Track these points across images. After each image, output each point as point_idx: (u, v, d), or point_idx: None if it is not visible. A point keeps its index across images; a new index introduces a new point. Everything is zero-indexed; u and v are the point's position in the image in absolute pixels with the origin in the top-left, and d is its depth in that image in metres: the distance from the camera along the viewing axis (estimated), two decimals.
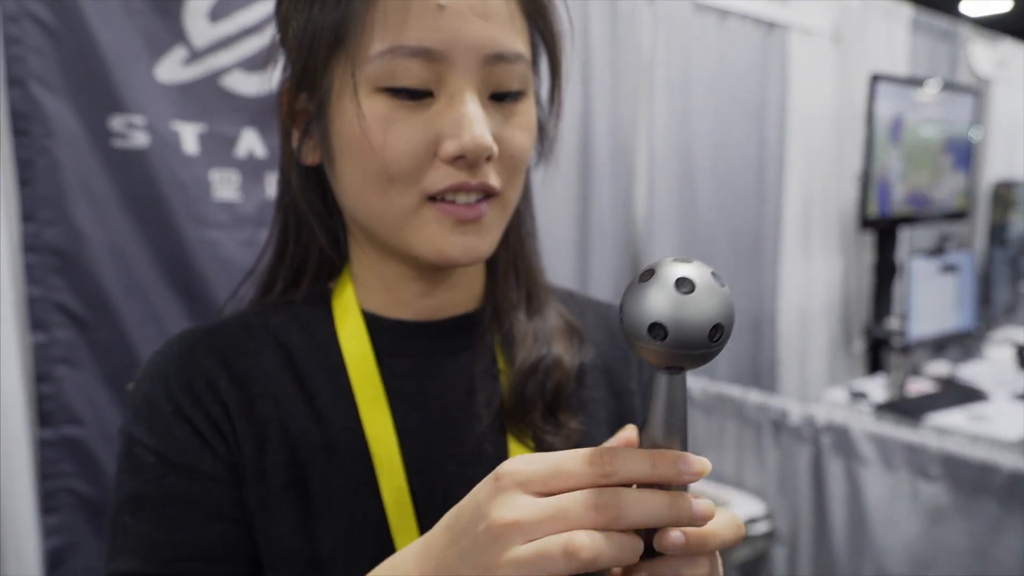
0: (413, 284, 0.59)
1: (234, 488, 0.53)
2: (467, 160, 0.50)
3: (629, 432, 0.52)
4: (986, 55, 4.00)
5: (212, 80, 1.46)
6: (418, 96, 0.50)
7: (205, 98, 1.45)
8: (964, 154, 3.21)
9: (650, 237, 2.42)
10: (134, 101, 1.36)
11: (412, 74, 0.50)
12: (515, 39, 0.53)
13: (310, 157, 0.57)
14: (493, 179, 0.53)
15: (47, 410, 1.34)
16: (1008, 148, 4.19)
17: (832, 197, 3.02)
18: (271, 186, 1.52)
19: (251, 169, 1.51)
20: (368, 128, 0.50)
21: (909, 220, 3.00)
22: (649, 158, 2.42)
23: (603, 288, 2.31)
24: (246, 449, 0.54)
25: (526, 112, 0.55)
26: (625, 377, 0.66)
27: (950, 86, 3.18)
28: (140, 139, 1.38)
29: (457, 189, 0.51)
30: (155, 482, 0.53)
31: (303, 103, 0.55)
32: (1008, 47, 4.18)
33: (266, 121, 1.48)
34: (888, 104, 2.76)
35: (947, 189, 3.15)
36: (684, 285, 0.34)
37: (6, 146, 1.27)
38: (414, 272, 0.58)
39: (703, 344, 0.34)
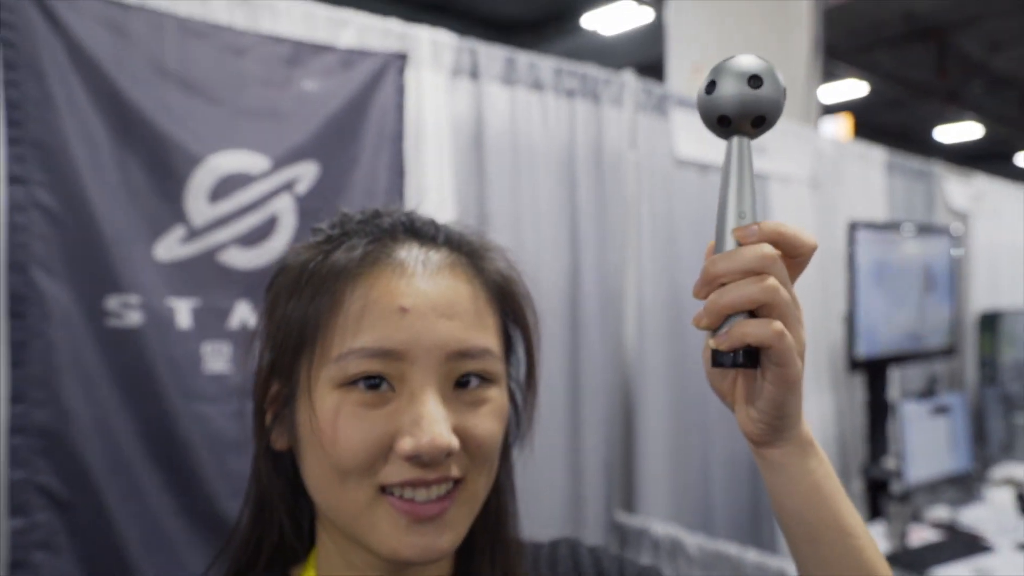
0: (379, 574, 0.58)
1: None
2: (423, 459, 0.50)
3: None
4: (961, 191, 4.15)
5: (209, 256, 1.50)
6: (381, 388, 0.51)
7: (201, 273, 1.49)
8: (947, 291, 3.28)
9: (642, 379, 2.43)
10: (131, 281, 1.40)
11: (375, 370, 0.51)
12: (483, 335, 0.54)
13: (279, 442, 0.58)
14: (455, 471, 0.53)
15: None
16: (990, 279, 4.27)
17: (821, 337, 3.05)
18: None
19: (243, 339, 1.53)
20: (321, 425, 0.51)
21: (898, 359, 3.02)
22: (638, 303, 2.46)
23: (594, 430, 2.29)
24: None
25: (494, 399, 0.55)
26: None
27: (926, 228, 3.28)
28: (134, 318, 1.40)
29: (415, 484, 0.51)
30: None
31: (276, 389, 0.57)
32: (981, 181, 4.34)
33: (259, 293, 1.51)
34: (868, 248, 2.84)
35: (933, 326, 3.19)
36: (762, 64, 0.48)
37: (1, 329, 1.29)
38: (379, 560, 0.57)
39: (781, 97, 0.48)
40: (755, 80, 0.47)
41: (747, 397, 0.49)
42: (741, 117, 0.48)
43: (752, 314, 0.46)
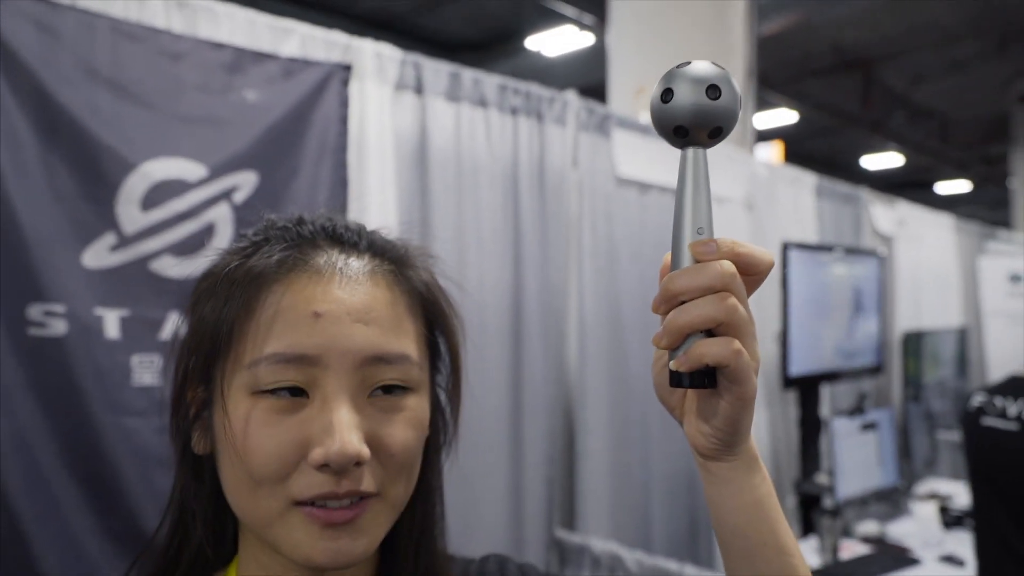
0: None
1: None
2: (332, 468, 0.49)
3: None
4: (885, 215, 4.33)
5: (140, 264, 1.44)
6: (294, 394, 0.50)
7: (131, 283, 1.43)
8: (875, 311, 3.40)
9: (583, 396, 2.44)
10: (56, 289, 1.33)
11: (287, 377, 0.50)
12: (400, 341, 0.53)
13: (200, 446, 0.56)
14: (367, 483, 0.51)
15: None
16: (913, 300, 4.46)
17: None
18: None
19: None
20: (235, 432, 0.50)
21: (829, 377, 3.11)
22: (579, 321, 2.48)
23: (535, 448, 2.28)
24: None
25: (412, 407, 0.54)
26: None
27: (854, 251, 3.40)
28: (59, 327, 1.34)
29: (326, 497, 0.50)
30: None
31: (195, 392, 0.55)
32: (904, 207, 4.54)
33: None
34: (800, 268, 2.93)
35: (862, 345, 3.31)
36: (719, 72, 0.47)
37: None
38: (297, 566, 0.55)
39: (737, 107, 0.47)
40: (713, 90, 0.45)
41: (699, 412, 0.49)
42: (698, 128, 0.46)
43: (710, 331, 0.46)
